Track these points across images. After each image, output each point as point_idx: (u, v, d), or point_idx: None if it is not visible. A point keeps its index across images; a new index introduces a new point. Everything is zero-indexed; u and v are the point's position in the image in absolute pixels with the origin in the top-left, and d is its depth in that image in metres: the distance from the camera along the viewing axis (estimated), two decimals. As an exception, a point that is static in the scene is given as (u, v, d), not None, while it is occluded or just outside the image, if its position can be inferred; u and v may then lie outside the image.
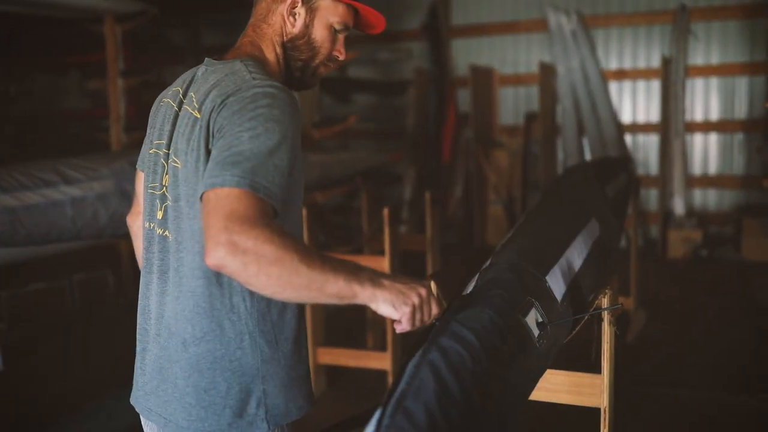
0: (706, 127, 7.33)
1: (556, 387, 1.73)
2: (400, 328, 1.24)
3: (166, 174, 1.39)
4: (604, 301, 1.62)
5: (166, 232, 1.39)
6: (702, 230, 6.84)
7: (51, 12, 5.29)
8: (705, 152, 7.39)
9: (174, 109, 1.42)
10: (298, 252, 1.13)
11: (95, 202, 2.89)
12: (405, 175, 7.70)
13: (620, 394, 1.93)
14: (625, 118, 7.58)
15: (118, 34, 5.71)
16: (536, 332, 1.34)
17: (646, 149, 7.57)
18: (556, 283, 1.56)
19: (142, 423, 1.53)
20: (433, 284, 1.74)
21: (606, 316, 1.63)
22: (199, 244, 1.32)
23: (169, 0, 7.43)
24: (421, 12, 7.99)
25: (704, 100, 7.33)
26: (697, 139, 7.39)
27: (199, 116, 1.32)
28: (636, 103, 7.57)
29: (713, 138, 7.34)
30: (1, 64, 7.47)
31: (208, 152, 1.29)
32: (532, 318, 1.36)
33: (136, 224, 1.60)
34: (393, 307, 1.21)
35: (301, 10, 1.46)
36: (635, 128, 7.56)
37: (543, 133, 7.29)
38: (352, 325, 4.51)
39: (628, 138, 7.56)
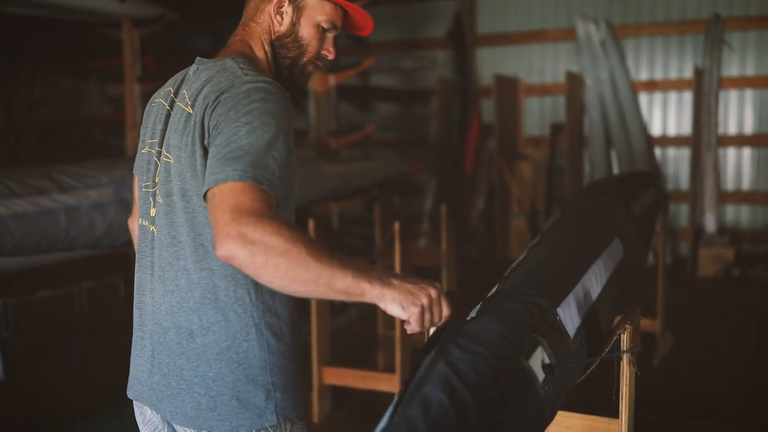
0: (740, 140, 7.05)
1: (568, 431, 1.55)
2: (409, 329, 1.23)
3: (159, 172, 1.41)
4: (624, 338, 1.44)
5: (162, 230, 1.39)
6: (734, 248, 6.57)
7: (68, 16, 5.23)
8: (738, 167, 7.11)
9: (166, 108, 1.44)
10: (306, 245, 1.14)
11: (91, 211, 2.76)
12: (427, 186, 7.53)
13: (640, 427, 1.74)
14: (655, 130, 7.33)
15: (135, 39, 5.64)
16: (541, 376, 1.16)
17: (676, 163, 7.31)
18: (569, 316, 1.38)
19: (138, 420, 1.52)
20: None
21: (626, 355, 1.44)
22: (201, 236, 1.33)
23: (193, 6, 7.39)
24: (445, 20, 7.83)
25: (738, 112, 7.06)
26: (731, 154, 7.12)
27: (192, 112, 1.34)
28: (667, 116, 7.32)
29: (747, 152, 7.07)
30: (23, 68, 7.47)
31: (203, 148, 1.30)
32: (538, 359, 1.18)
33: (137, 227, 1.61)
34: (401, 307, 1.19)
35: (288, 9, 1.48)
36: (666, 141, 7.31)
37: (569, 145, 7.08)
38: (363, 342, 4.34)
39: (657, 151, 7.31)
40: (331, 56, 1.53)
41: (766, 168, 7.02)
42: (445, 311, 1.23)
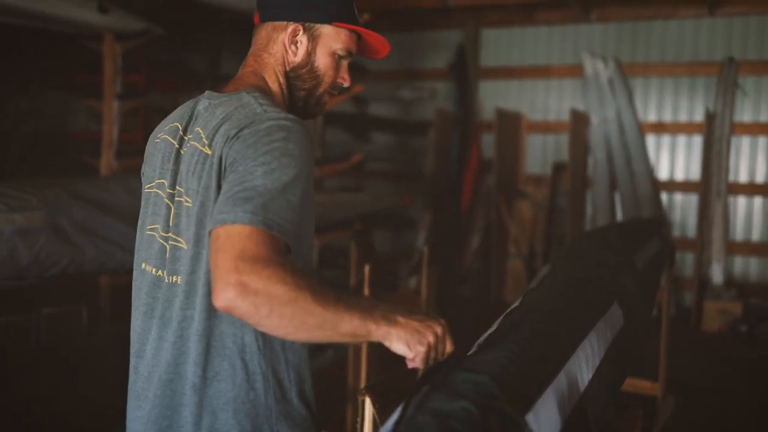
0: (751, 189, 6.71)
1: None
2: (412, 365, 1.21)
3: (173, 216, 1.33)
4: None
5: (176, 278, 1.32)
6: (742, 302, 6.19)
7: (48, 25, 4.96)
8: (748, 217, 6.76)
9: (174, 146, 1.37)
10: (312, 291, 1.10)
11: (14, 237, 2.42)
12: (420, 220, 7.19)
13: None
14: (662, 174, 7.00)
15: (117, 53, 5.35)
16: None
17: (683, 210, 6.97)
18: (546, 421, 1.03)
19: None
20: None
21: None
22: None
23: (192, 25, 7.13)
24: (447, 51, 7.57)
25: (750, 160, 6.73)
26: (741, 202, 6.77)
27: (209, 153, 1.27)
28: (675, 159, 7.00)
29: (758, 202, 6.72)
30: (13, 79, 7.26)
31: (219, 188, 1.24)
32: (489, 504, 0.83)
33: None
34: (407, 346, 1.17)
35: (302, 38, 1.42)
36: (673, 186, 6.97)
37: (571, 185, 6.75)
38: (337, 391, 3.96)
39: (664, 196, 6.97)
40: (346, 84, 1.48)
41: (777, 219, 6.68)
42: (449, 348, 1.22)
